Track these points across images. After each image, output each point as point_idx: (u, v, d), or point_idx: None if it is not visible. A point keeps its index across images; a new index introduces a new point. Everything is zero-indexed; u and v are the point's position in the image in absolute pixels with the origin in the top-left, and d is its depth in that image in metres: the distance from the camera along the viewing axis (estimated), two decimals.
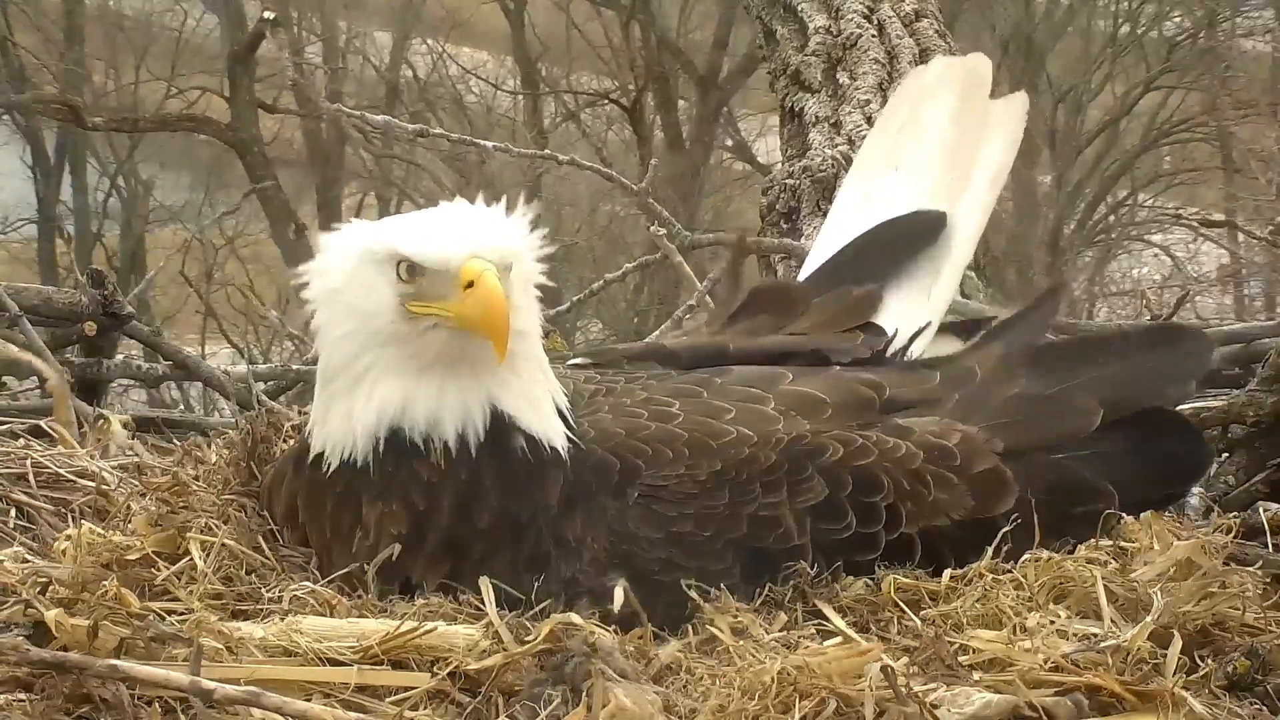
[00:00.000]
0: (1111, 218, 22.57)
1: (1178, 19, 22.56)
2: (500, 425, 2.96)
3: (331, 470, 3.00)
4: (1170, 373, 3.36)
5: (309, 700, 2.47)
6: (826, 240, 4.01)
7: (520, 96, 23.60)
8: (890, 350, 3.57)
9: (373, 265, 2.95)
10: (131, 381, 5.86)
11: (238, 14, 21.45)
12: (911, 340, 3.60)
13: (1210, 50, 21.27)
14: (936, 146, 3.97)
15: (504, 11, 22.96)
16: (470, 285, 2.85)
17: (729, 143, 23.53)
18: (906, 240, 3.80)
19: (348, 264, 2.99)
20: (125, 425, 3.78)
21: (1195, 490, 3.59)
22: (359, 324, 2.97)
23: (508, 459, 2.95)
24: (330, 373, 3.03)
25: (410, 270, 2.92)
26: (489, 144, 7.27)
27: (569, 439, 3.01)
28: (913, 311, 3.69)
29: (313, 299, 3.06)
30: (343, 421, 2.99)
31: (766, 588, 2.88)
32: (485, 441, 2.95)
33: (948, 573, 2.94)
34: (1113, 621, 2.77)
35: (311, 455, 3.05)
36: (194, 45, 23.02)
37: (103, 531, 2.99)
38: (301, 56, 22.43)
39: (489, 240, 2.91)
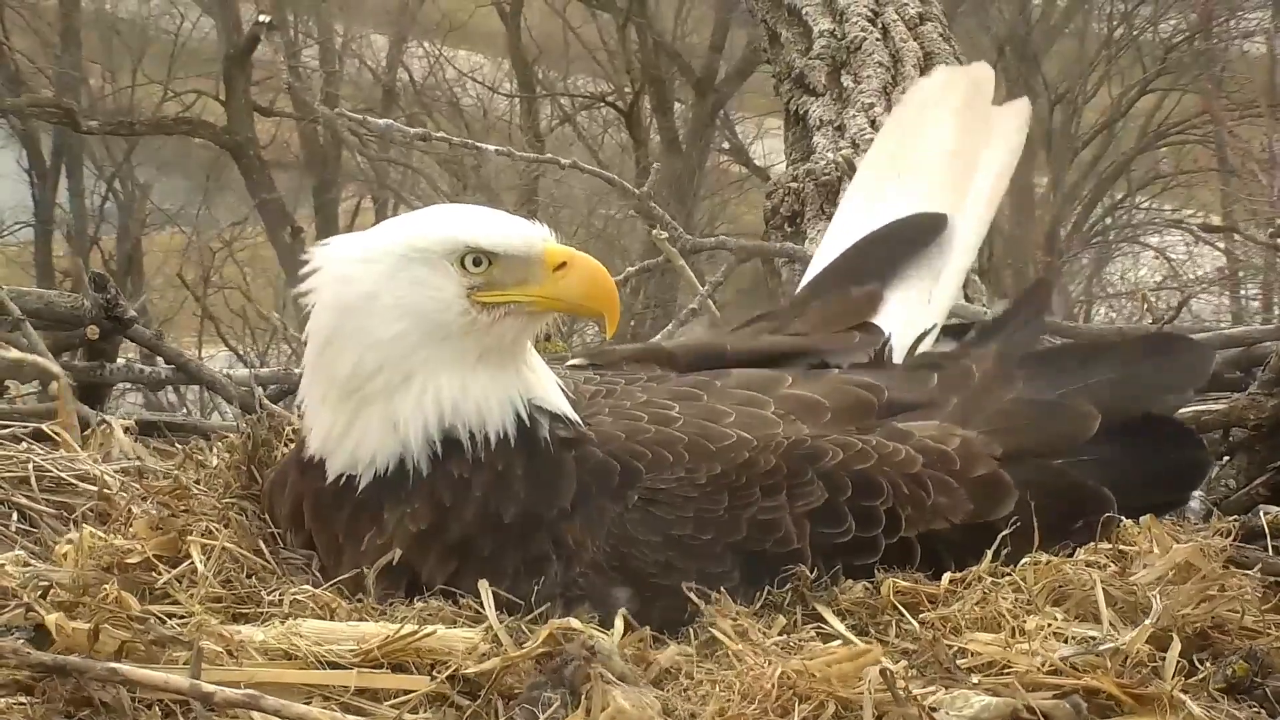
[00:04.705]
0: (1108, 220, 22.57)
1: (1173, 21, 22.56)
2: (532, 414, 3.01)
3: (348, 478, 3.00)
4: (1170, 381, 3.37)
5: (309, 703, 2.48)
6: (829, 244, 4.04)
7: (516, 99, 23.57)
8: (891, 355, 3.57)
9: (424, 262, 2.96)
10: (129, 385, 5.85)
11: (234, 17, 21.40)
12: (914, 346, 3.61)
13: (1206, 52, 21.28)
14: (939, 152, 4.01)
15: (500, 14, 22.92)
16: (562, 265, 2.95)
17: (725, 146, 23.51)
18: (908, 240, 3.83)
19: (382, 265, 2.97)
20: (127, 430, 3.77)
21: (1195, 493, 3.59)
22: (412, 323, 2.95)
23: (535, 449, 2.98)
24: (359, 379, 2.98)
25: (477, 261, 2.95)
26: (491, 148, 7.27)
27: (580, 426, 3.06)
28: (913, 312, 3.71)
29: (330, 308, 3.02)
30: (381, 427, 2.97)
31: (765, 591, 2.89)
32: (519, 432, 2.98)
33: (947, 576, 2.95)
34: (1111, 624, 2.77)
35: (332, 475, 3.02)
36: (190, 48, 22.96)
37: (104, 535, 2.99)
38: (297, 59, 22.41)
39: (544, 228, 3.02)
